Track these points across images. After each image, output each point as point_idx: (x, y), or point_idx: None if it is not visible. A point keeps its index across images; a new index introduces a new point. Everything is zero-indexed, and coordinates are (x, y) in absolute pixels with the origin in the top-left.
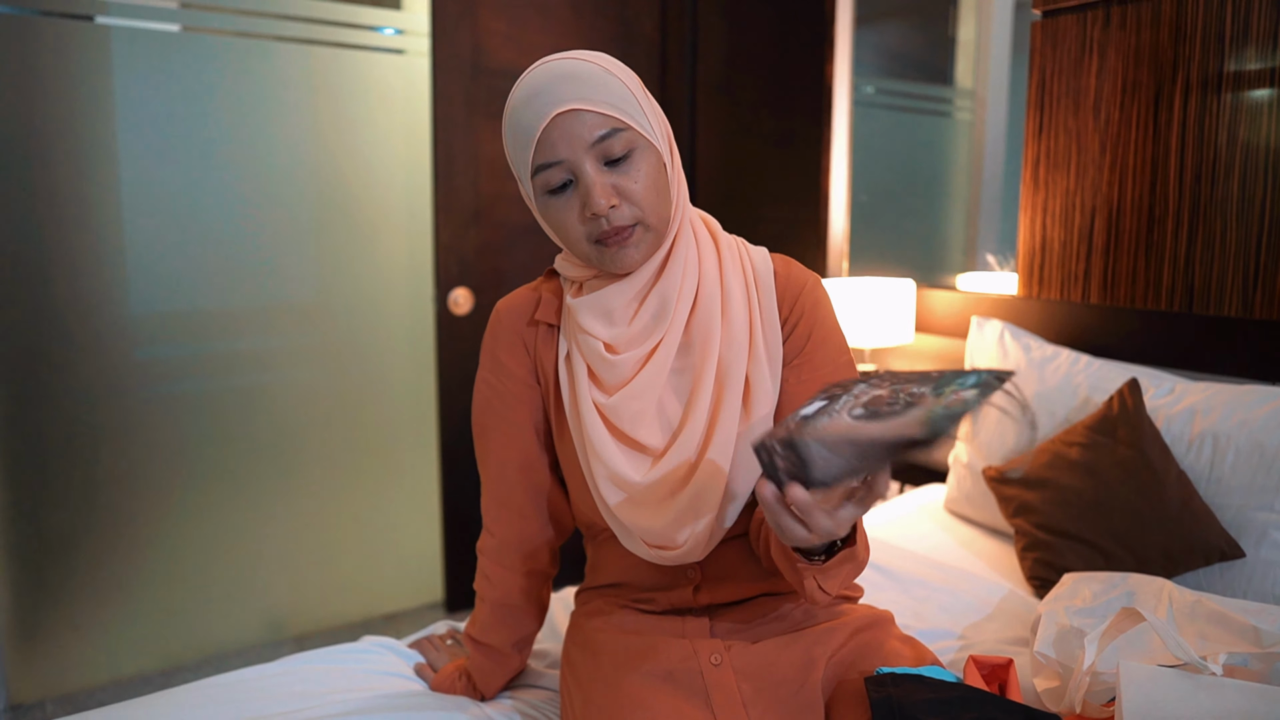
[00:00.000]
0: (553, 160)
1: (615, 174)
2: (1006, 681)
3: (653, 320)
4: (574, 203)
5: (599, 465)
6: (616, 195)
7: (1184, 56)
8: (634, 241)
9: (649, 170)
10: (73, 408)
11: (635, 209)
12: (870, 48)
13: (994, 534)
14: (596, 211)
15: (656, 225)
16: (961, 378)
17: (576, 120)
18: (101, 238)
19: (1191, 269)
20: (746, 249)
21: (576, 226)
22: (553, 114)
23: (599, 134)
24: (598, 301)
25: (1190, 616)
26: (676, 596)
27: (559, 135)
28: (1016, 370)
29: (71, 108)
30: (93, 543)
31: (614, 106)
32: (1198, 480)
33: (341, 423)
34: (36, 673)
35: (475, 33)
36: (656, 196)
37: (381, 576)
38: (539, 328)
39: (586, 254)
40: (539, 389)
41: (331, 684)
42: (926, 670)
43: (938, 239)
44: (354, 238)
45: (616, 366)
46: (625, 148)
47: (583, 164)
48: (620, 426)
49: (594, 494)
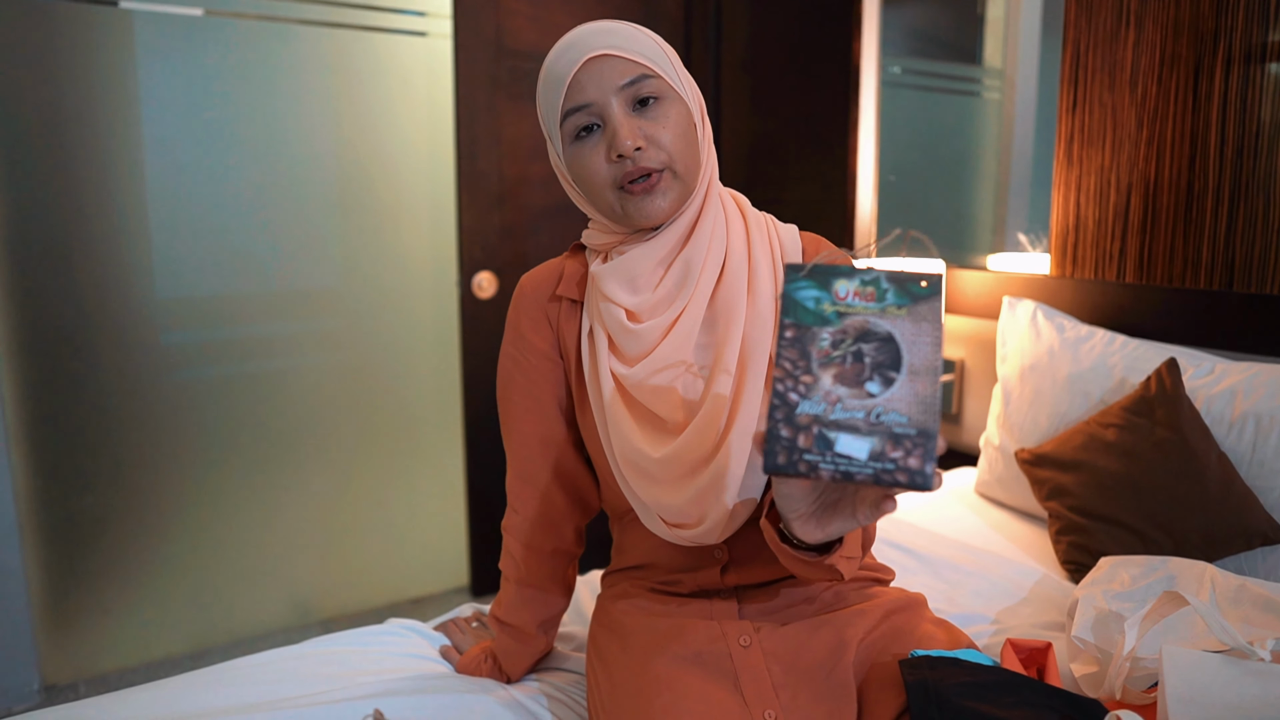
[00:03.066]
0: (582, 103)
1: (643, 118)
2: (1045, 666)
3: (676, 287)
4: (601, 147)
5: (617, 439)
6: (644, 138)
7: (1226, 27)
8: (661, 188)
9: (677, 118)
10: (100, 393)
11: (663, 153)
12: (897, 27)
13: (1026, 517)
14: (623, 152)
15: (684, 175)
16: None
17: (607, 64)
18: (126, 223)
19: (1232, 246)
20: (775, 226)
21: (602, 171)
22: (584, 59)
23: (629, 78)
24: (622, 266)
25: (1234, 601)
26: (703, 578)
27: (588, 78)
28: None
29: (95, 93)
30: (121, 527)
31: (644, 56)
32: (1239, 462)
33: (366, 407)
34: (69, 655)
35: (498, 14)
36: (685, 145)
37: (407, 561)
38: (562, 303)
39: (612, 205)
40: (561, 364)
41: (357, 666)
42: (962, 653)
43: (966, 219)
44: (377, 221)
45: (638, 336)
46: (654, 93)
47: (611, 105)
48: (640, 399)
49: (613, 468)
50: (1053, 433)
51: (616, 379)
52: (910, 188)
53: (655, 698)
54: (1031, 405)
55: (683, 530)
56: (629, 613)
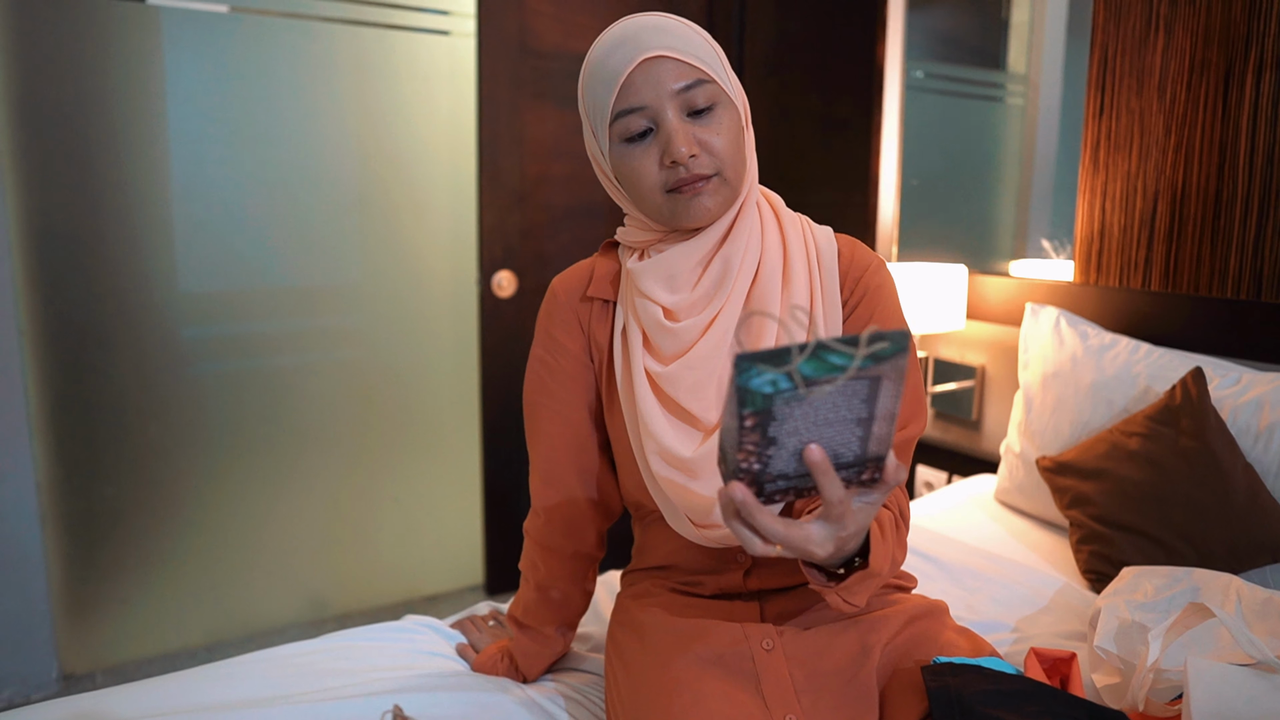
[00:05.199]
0: (635, 105)
1: (697, 125)
2: (1069, 676)
3: (714, 286)
4: (652, 151)
5: (648, 438)
6: (697, 145)
7: (1257, 32)
8: (710, 190)
9: (730, 125)
10: (121, 386)
11: (714, 160)
12: (920, 31)
13: (1047, 525)
14: (677, 159)
15: (733, 180)
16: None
17: (663, 67)
18: (149, 218)
19: (1261, 255)
20: (810, 227)
21: (653, 175)
22: (640, 59)
23: (684, 83)
24: (661, 264)
25: (1261, 614)
26: (726, 580)
27: (644, 81)
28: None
29: (121, 88)
30: (140, 519)
31: (700, 60)
32: (1266, 474)
33: (385, 404)
34: (87, 645)
35: (521, 13)
36: (735, 150)
37: (423, 558)
38: (593, 304)
39: (659, 206)
40: (592, 367)
41: (373, 662)
42: (985, 661)
43: (989, 225)
44: (398, 219)
45: (676, 334)
46: (709, 100)
47: (666, 110)
48: (675, 397)
49: (642, 468)
50: (1075, 441)
51: (650, 376)
52: (933, 192)
53: (676, 697)
54: (1054, 413)
55: (711, 531)
56: (650, 612)
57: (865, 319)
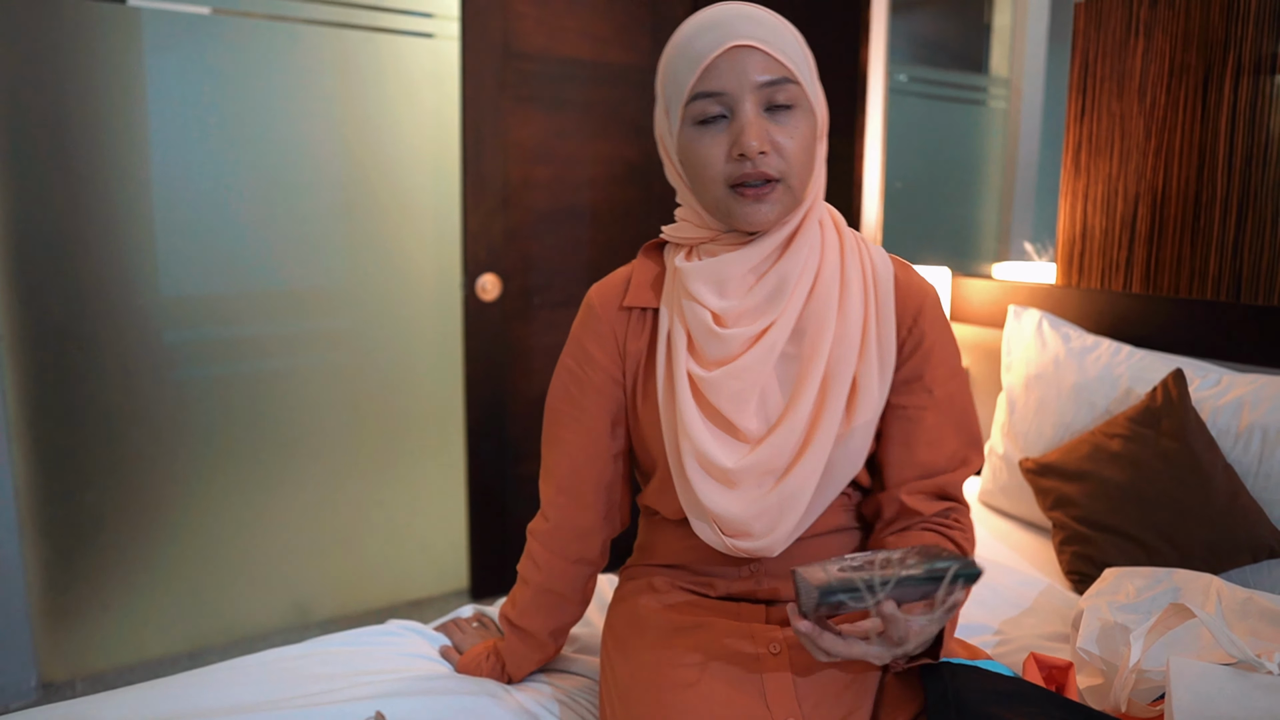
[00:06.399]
0: (715, 90)
1: (773, 122)
2: (1064, 685)
3: (767, 300)
4: (722, 140)
5: (685, 440)
6: (769, 144)
7: (1235, 37)
8: (772, 199)
9: (805, 132)
10: (102, 390)
11: (783, 163)
12: (903, 35)
13: (1030, 527)
14: (746, 152)
15: (797, 189)
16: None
17: (750, 57)
18: (131, 221)
19: (1240, 257)
20: (866, 246)
21: (718, 165)
22: (728, 44)
23: (769, 77)
24: (712, 268)
25: (1241, 614)
26: (736, 585)
27: (728, 67)
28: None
29: (102, 89)
30: (121, 524)
31: (789, 58)
32: (1246, 474)
33: (368, 408)
34: (67, 652)
35: (505, 16)
36: (805, 160)
37: (407, 563)
38: (630, 313)
39: (718, 201)
40: (622, 382)
41: (358, 666)
42: (983, 664)
43: (972, 227)
44: (382, 223)
45: (723, 341)
46: (789, 100)
47: (744, 101)
48: (716, 404)
49: (674, 473)
50: (1057, 442)
51: (692, 380)
52: (916, 195)
53: (678, 694)
54: (1036, 414)
55: (740, 540)
56: (654, 608)
57: (923, 361)
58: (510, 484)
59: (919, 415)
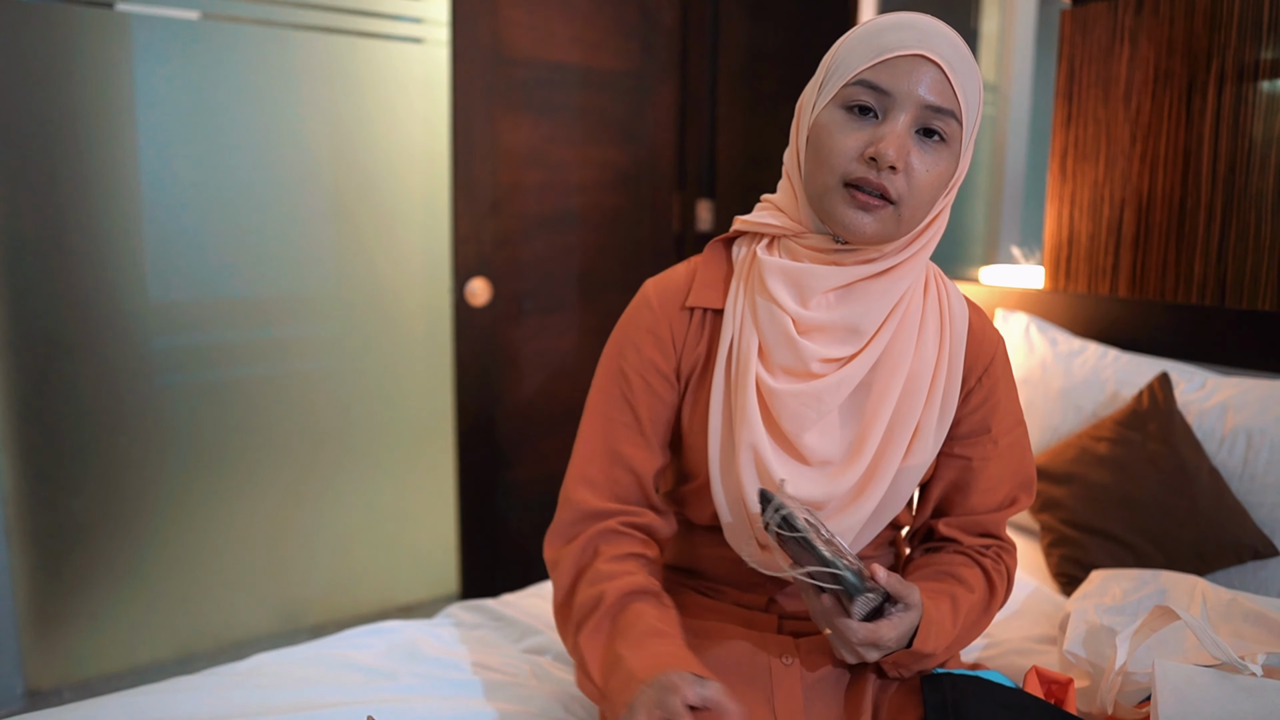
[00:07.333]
0: (880, 85)
1: (918, 146)
2: (1064, 700)
3: (847, 327)
4: (862, 136)
5: (746, 454)
6: (904, 162)
7: (1219, 44)
8: (879, 215)
9: (942, 170)
10: (90, 396)
11: (907, 189)
12: None
13: (1018, 530)
14: (880, 159)
15: (906, 219)
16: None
17: (929, 73)
18: (120, 226)
19: (1224, 262)
20: (947, 289)
21: (846, 157)
22: (918, 51)
23: (937, 102)
24: (795, 271)
25: (1225, 615)
26: (749, 597)
27: (905, 71)
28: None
29: (90, 95)
30: (109, 531)
31: (964, 96)
32: (1230, 477)
33: (358, 413)
34: (54, 660)
35: (495, 22)
36: (929, 197)
37: (397, 568)
38: (692, 314)
39: (826, 192)
40: (678, 386)
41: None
42: (984, 674)
43: (960, 232)
44: (372, 227)
45: (800, 352)
46: (943, 133)
47: (902, 111)
48: (779, 418)
49: (720, 480)
50: (1045, 446)
51: (759, 386)
52: None
53: None
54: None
55: (772, 556)
56: None
57: (986, 425)
58: (500, 488)
59: (982, 466)
